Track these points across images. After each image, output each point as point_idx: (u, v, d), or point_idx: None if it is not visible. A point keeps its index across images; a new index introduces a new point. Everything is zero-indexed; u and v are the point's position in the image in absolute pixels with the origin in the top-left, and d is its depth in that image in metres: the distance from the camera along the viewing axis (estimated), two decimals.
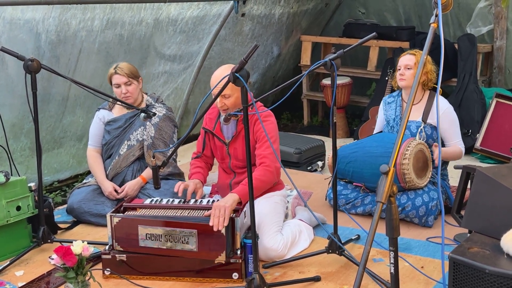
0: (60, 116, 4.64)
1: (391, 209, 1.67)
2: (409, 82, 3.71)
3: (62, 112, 4.64)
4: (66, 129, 4.73)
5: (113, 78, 3.77)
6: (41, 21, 4.16)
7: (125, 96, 3.77)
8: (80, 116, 4.78)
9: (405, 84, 3.74)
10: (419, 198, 3.60)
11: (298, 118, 6.99)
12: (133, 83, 3.78)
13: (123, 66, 3.77)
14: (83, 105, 4.74)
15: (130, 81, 3.76)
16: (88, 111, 4.76)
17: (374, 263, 3.15)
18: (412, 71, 3.67)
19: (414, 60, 3.70)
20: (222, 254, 2.93)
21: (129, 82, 3.76)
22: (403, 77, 3.73)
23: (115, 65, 3.80)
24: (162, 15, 5.03)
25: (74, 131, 4.80)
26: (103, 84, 4.78)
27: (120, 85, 3.76)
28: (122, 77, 3.74)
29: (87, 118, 4.77)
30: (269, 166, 3.17)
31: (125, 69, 3.75)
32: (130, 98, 3.80)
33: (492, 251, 2.28)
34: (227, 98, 3.18)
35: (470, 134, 5.26)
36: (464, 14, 6.13)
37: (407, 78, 3.71)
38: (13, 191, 3.31)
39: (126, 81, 3.75)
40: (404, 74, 3.72)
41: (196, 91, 5.93)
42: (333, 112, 2.93)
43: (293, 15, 6.44)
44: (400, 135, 1.71)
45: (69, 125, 4.73)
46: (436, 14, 1.79)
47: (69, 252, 2.54)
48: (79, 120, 4.78)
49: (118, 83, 3.75)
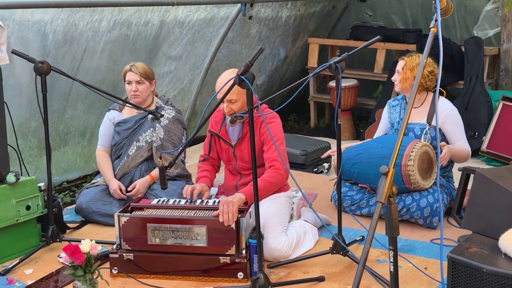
0: (62, 111, 4.67)
1: (390, 209, 1.71)
2: (400, 87, 3.82)
3: (63, 107, 4.67)
4: (68, 124, 4.77)
5: (127, 75, 3.88)
6: (49, 23, 4.22)
7: (134, 94, 3.86)
8: (82, 111, 4.81)
9: (397, 89, 3.87)
10: (424, 199, 3.62)
11: (305, 120, 7.02)
12: (144, 83, 3.87)
13: (139, 66, 3.89)
14: (85, 100, 4.78)
15: (142, 80, 3.86)
16: (90, 106, 4.81)
17: (378, 264, 3.18)
18: (401, 75, 3.78)
19: (402, 65, 3.81)
20: (232, 248, 2.98)
21: (141, 81, 3.86)
22: (395, 82, 3.86)
23: (132, 63, 3.92)
24: (170, 17, 5.08)
25: (77, 126, 4.83)
26: (106, 80, 4.83)
27: (131, 82, 3.85)
28: (135, 75, 3.84)
29: (88, 113, 4.83)
30: (279, 169, 3.21)
31: (140, 68, 3.87)
32: (139, 97, 3.87)
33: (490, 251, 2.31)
34: (234, 103, 3.23)
35: (476, 137, 5.27)
36: (471, 17, 6.14)
37: (397, 83, 3.83)
38: (23, 190, 3.37)
39: (138, 79, 3.84)
40: (396, 79, 3.83)
41: (204, 93, 5.98)
42: (338, 114, 2.97)
43: (300, 17, 6.47)
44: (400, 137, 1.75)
45: (71, 119, 4.77)
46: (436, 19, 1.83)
47: (77, 250, 2.58)
48: (80, 114, 4.81)
49: (130, 80, 3.85)
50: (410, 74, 3.76)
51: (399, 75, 3.81)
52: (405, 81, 3.78)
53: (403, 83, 3.79)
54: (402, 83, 3.80)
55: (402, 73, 3.78)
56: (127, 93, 3.95)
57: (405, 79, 3.77)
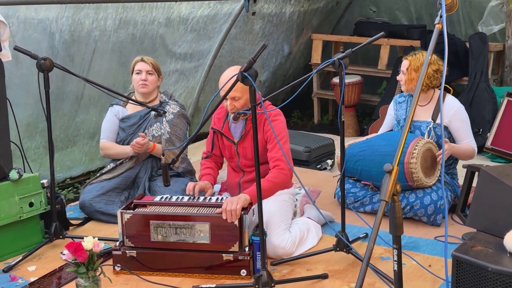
0: (73, 115, 4.69)
1: (394, 207, 1.70)
2: (406, 88, 3.79)
3: (75, 111, 4.69)
4: (79, 127, 4.78)
5: (137, 64, 3.91)
6: (54, 21, 4.21)
7: (143, 83, 3.87)
8: (93, 115, 4.83)
9: (404, 89, 3.83)
10: (427, 197, 3.61)
11: (308, 117, 7.00)
12: (154, 74, 3.92)
13: (150, 58, 3.97)
14: (97, 104, 4.80)
15: (152, 71, 3.91)
16: (102, 110, 4.80)
17: (382, 261, 3.17)
18: (406, 76, 3.74)
19: (407, 65, 3.75)
20: (236, 245, 2.97)
21: (151, 72, 3.90)
22: (401, 82, 3.82)
23: (143, 56, 3.98)
24: (174, 14, 5.07)
25: (87, 129, 4.85)
26: (116, 83, 4.83)
27: (141, 72, 3.88)
28: (147, 65, 3.89)
29: (100, 116, 4.81)
30: (284, 169, 3.20)
31: (151, 60, 3.95)
32: (147, 87, 3.89)
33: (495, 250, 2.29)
34: (237, 101, 3.21)
35: (481, 133, 5.25)
36: (476, 12, 6.10)
37: (403, 83, 3.79)
38: (26, 187, 3.37)
39: (149, 69, 3.89)
40: (401, 79, 3.79)
41: (207, 89, 5.96)
42: (341, 111, 2.95)
43: (303, 13, 6.45)
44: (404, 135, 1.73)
45: (82, 123, 4.78)
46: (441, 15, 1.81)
47: (80, 247, 2.58)
48: (92, 118, 4.83)
49: (141, 70, 3.89)
50: (415, 75, 3.71)
51: (405, 76, 3.76)
52: (411, 82, 3.73)
53: (409, 84, 3.75)
54: (407, 84, 3.76)
55: (407, 74, 3.73)
56: (133, 84, 3.94)
57: (410, 80, 3.73)
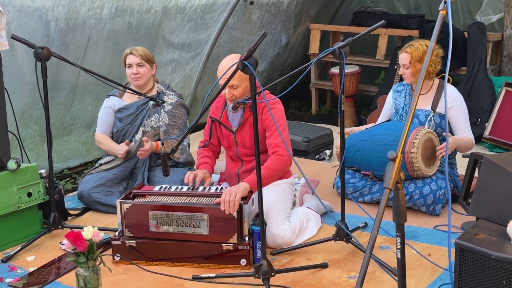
0: (69, 104, 4.66)
1: (398, 195, 1.69)
2: (411, 80, 3.76)
3: (71, 99, 4.66)
4: (75, 116, 4.76)
5: (127, 58, 3.87)
6: (50, 9, 4.17)
7: (135, 77, 3.84)
8: (89, 104, 4.80)
9: (409, 82, 3.80)
10: (427, 187, 3.61)
11: (306, 107, 6.98)
12: (145, 65, 3.86)
13: (139, 49, 3.90)
14: (92, 93, 4.77)
15: (142, 63, 3.85)
16: (97, 99, 4.78)
17: (381, 251, 3.17)
18: (410, 69, 3.70)
19: (409, 58, 3.69)
20: (234, 236, 2.97)
21: (141, 64, 3.85)
22: (404, 76, 3.78)
23: (132, 47, 3.91)
24: (171, 3, 5.03)
25: (84, 119, 4.82)
26: (112, 72, 4.79)
27: (132, 65, 3.84)
28: (136, 58, 3.84)
29: (96, 105, 4.79)
30: (282, 155, 3.18)
31: (140, 51, 3.87)
32: (140, 80, 3.86)
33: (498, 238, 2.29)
34: (236, 89, 3.20)
35: (479, 123, 5.24)
36: (474, 2, 6.09)
37: (408, 76, 3.76)
38: (24, 177, 3.35)
39: (139, 62, 3.84)
40: (405, 73, 3.76)
41: (205, 79, 5.94)
42: (342, 100, 2.94)
43: (301, 3, 6.41)
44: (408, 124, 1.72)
45: (78, 112, 4.76)
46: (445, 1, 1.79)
47: (80, 237, 2.56)
48: (88, 107, 4.80)
49: (131, 63, 3.85)
50: (420, 66, 3.65)
51: (408, 70, 3.72)
52: (417, 73, 3.69)
53: (415, 76, 3.72)
54: (413, 76, 3.71)
55: (411, 67, 3.68)
56: (128, 78, 3.92)
57: (416, 71, 3.69)
